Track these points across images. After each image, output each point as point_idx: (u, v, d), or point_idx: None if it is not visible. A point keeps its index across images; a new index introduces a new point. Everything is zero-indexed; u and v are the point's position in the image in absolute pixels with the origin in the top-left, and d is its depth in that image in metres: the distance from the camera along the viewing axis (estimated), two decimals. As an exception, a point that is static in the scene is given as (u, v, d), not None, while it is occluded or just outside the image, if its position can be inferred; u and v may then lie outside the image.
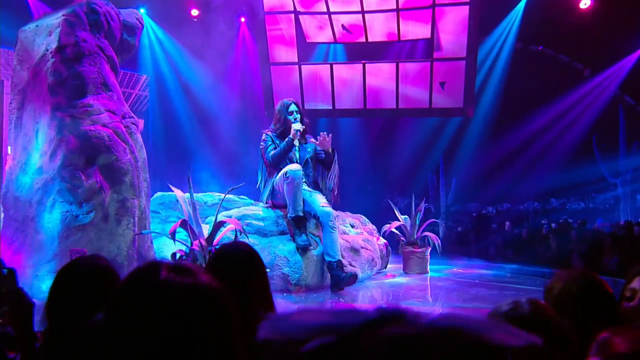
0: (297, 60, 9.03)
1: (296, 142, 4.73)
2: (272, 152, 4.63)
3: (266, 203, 4.75)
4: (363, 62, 9.02)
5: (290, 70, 9.14)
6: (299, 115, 4.80)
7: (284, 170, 4.44)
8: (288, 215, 4.46)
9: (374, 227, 6.27)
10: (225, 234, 3.95)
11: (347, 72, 9.10)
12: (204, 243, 3.54)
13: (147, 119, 10.38)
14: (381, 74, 9.03)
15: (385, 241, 6.09)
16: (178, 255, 3.57)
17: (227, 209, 5.30)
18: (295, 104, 4.86)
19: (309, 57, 9.29)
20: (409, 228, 6.09)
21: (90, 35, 3.70)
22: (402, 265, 6.03)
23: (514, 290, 4.77)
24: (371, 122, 10.56)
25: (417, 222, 6.11)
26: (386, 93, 9.10)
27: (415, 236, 6.05)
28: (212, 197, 6.36)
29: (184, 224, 3.64)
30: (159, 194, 6.22)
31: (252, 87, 9.90)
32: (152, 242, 4.02)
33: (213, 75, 9.49)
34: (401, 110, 9.23)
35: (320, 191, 4.75)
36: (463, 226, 10.27)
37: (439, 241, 5.97)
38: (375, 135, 10.73)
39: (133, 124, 3.95)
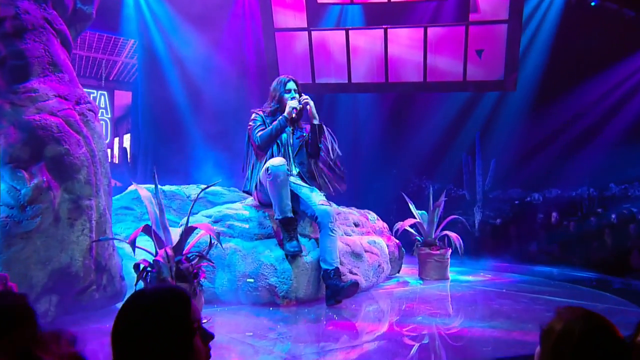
0: (306, 26, 8.75)
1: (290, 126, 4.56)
2: (261, 132, 4.44)
3: (253, 195, 4.56)
4: (384, 27, 8.69)
5: (298, 38, 8.87)
6: (297, 95, 4.61)
7: (265, 165, 4.24)
8: (275, 217, 4.28)
9: (385, 225, 6.04)
10: (199, 240, 3.79)
11: (366, 40, 8.78)
12: (170, 252, 3.36)
13: (136, 91, 10.36)
14: (406, 41, 8.71)
15: (397, 241, 5.87)
16: (142, 267, 3.42)
17: (213, 204, 5.16)
18: (294, 81, 4.65)
19: (320, 21, 8.98)
20: (425, 226, 5.84)
21: (34, 6, 3.50)
22: (418, 270, 5.83)
23: (544, 303, 4.50)
24: (393, 98, 10.27)
25: (436, 219, 5.84)
26: (411, 64, 8.79)
27: (434, 235, 5.80)
28: (196, 189, 6.20)
29: (147, 230, 3.48)
30: (133, 186, 6.11)
31: (254, 58, 9.66)
32: (114, 250, 3.87)
33: (207, 43, 9.28)
34: (429, 84, 8.90)
35: (319, 185, 4.53)
36: (503, 217, 9.93)
37: (461, 242, 5.69)
38: (398, 111, 10.42)
39: (90, 110, 3.76)
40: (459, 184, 10.44)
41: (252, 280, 4.11)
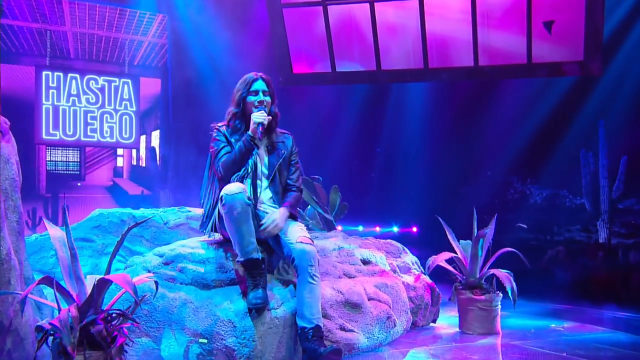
0: (320, -1, 8.66)
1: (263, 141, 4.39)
2: (224, 159, 4.28)
3: (210, 236, 4.40)
4: (420, -5, 8.49)
5: (311, 14, 8.78)
6: (267, 99, 4.39)
7: (221, 192, 4.07)
8: (237, 259, 4.11)
9: (415, 260, 5.83)
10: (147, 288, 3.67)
11: (397, 14, 8.61)
12: (74, 313, 3.23)
13: (166, 77, 10.58)
14: (449, 13, 8.45)
15: (428, 282, 5.61)
16: (44, 330, 3.31)
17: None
18: (264, 80, 4.42)
19: (338, -9, 8.87)
20: (466, 261, 5.55)
21: None
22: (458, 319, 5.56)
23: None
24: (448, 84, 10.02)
25: (481, 253, 5.54)
26: (458, 43, 8.53)
27: (478, 275, 5.51)
28: (177, 213, 6.16)
29: (49, 282, 3.35)
30: (96, 211, 6.11)
31: (262, 43, 9.65)
32: (24, 304, 3.78)
33: (225, 22, 9.44)
34: (482, 69, 8.61)
35: (298, 216, 4.35)
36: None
37: (513, 284, 5.35)
38: (476, 96, 10.16)
39: (-10, 125, 3.71)
40: (575, 190, 10.17)
41: (205, 340, 3.95)
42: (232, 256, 4.26)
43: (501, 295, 5.45)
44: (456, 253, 5.62)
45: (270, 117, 4.33)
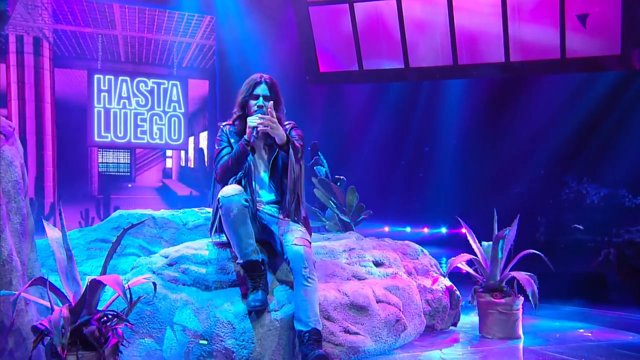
0: (346, -4, 8.67)
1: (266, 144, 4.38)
2: (222, 162, 4.31)
3: (213, 238, 4.42)
4: (447, -11, 8.42)
5: (338, 12, 8.81)
6: (269, 103, 4.36)
7: (219, 194, 4.10)
8: (236, 261, 4.14)
9: (434, 261, 5.77)
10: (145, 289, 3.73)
11: (424, 9, 8.60)
12: (65, 314, 3.30)
13: (213, 79, 10.82)
14: (478, 7, 8.37)
15: (447, 284, 5.55)
16: (39, 330, 3.39)
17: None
18: (267, 83, 4.39)
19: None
20: (485, 264, 5.46)
21: None
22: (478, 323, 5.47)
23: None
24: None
25: (501, 255, 5.44)
26: (488, 39, 8.42)
27: (499, 277, 5.41)
28: (196, 215, 6.22)
29: (42, 283, 3.43)
30: (116, 213, 6.23)
31: (289, 42, 9.71)
32: (27, 305, 3.89)
33: (262, 22, 9.58)
34: (514, 65, 8.48)
35: (300, 219, 4.33)
36: None
37: (534, 287, 5.23)
38: (503, 92, 10.03)
39: (-8, 129, 3.82)
40: (635, 189, 10.02)
41: (205, 342, 3.99)
42: (234, 258, 4.28)
43: (522, 298, 5.33)
44: (476, 255, 5.54)
45: (269, 120, 4.28)
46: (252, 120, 4.18)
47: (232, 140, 4.36)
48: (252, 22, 9.88)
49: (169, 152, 11.26)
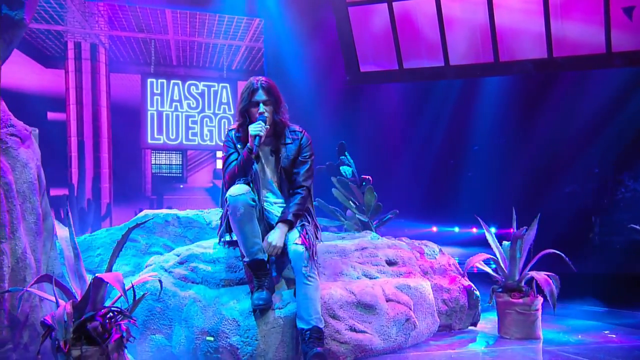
0: (385, -5, 8.71)
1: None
2: (230, 168, 4.38)
3: (220, 242, 4.52)
4: (487, -14, 8.35)
5: (376, 12, 8.82)
6: (269, 108, 4.38)
7: (226, 194, 4.26)
8: (243, 260, 4.29)
9: (453, 261, 5.79)
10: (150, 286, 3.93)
11: (463, 7, 8.53)
12: (69, 310, 3.53)
13: None
14: (518, 4, 8.25)
15: (466, 284, 5.58)
16: (47, 325, 3.61)
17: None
18: (264, 89, 4.39)
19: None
20: (504, 264, 5.46)
21: None
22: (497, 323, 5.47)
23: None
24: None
25: (520, 254, 5.43)
26: (529, 35, 8.31)
27: (517, 277, 5.41)
28: (219, 213, 6.44)
29: (48, 279, 3.67)
30: (142, 213, 6.50)
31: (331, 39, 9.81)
32: (42, 301, 4.15)
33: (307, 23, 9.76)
34: (557, 60, 8.35)
35: (309, 216, 4.45)
36: None
37: (552, 287, 5.20)
38: (547, 90, 9.87)
39: (12, 135, 4.06)
40: None
41: (212, 338, 4.15)
42: (241, 256, 4.43)
43: (541, 299, 5.30)
44: (495, 254, 5.54)
45: (268, 127, 4.36)
46: (254, 129, 4.24)
47: (238, 146, 4.41)
48: (296, 23, 10.00)
49: (219, 154, 11.46)
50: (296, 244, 4.15)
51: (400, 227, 9.32)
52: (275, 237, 4.19)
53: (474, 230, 10.94)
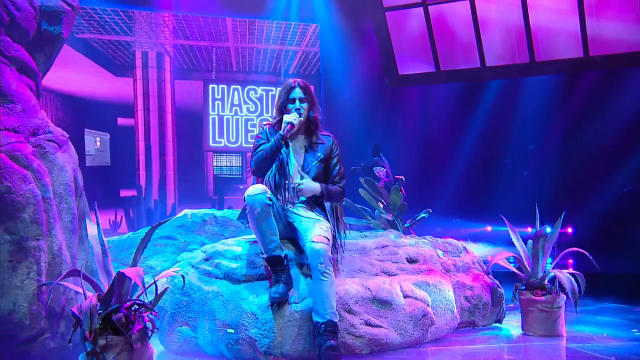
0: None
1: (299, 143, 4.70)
2: (258, 155, 4.59)
3: (247, 227, 4.69)
4: (522, -13, 8.33)
5: (413, 16, 8.91)
6: (305, 105, 4.69)
7: (245, 193, 4.46)
8: (261, 256, 4.48)
9: (478, 258, 5.84)
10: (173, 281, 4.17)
11: (498, 8, 8.54)
12: (94, 302, 3.79)
13: (318, 85, 11.43)
14: (552, 3, 8.21)
15: (490, 282, 5.63)
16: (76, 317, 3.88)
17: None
18: (302, 87, 4.68)
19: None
20: (528, 261, 5.49)
21: (-23, 34, 4.22)
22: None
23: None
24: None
25: (542, 253, 5.46)
26: (565, 35, 8.25)
27: (540, 275, 5.44)
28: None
29: (76, 274, 3.93)
30: (181, 212, 6.78)
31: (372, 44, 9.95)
32: (76, 294, 4.42)
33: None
34: (594, 59, 8.26)
35: (327, 214, 4.61)
36: None
37: (574, 285, 5.21)
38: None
39: (50, 141, 4.36)
40: None
41: (232, 330, 4.36)
42: (261, 253, 4.62)
43: (564, 296, 5.32)
44: (519, 252, 5.58)
45: (302, 119, 4.61)
46: (288, 117, 4.52)
47: (271, 139, 4.61)
48: (345, 28, 10.21)
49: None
50: (313, 241, 4.32)
51: (455, 226, 9.40)
52: (306, 183, 4.63)
53: (529, 229, 10.86)
